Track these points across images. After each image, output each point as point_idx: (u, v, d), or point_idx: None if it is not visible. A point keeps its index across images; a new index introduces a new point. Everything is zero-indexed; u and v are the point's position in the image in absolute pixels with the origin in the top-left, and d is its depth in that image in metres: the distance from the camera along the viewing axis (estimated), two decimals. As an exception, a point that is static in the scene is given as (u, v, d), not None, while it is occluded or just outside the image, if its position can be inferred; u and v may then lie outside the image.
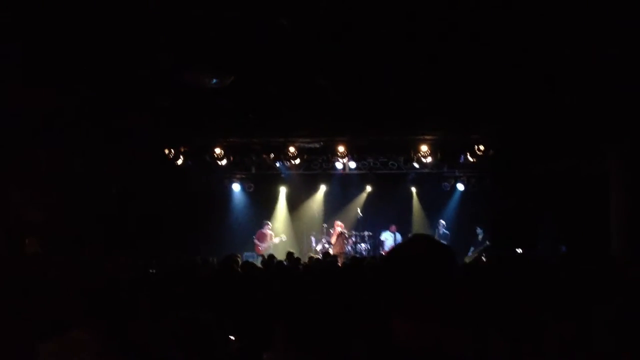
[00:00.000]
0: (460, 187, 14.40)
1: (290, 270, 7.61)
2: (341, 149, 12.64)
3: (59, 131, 9.68)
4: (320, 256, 11.32)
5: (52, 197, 10.32)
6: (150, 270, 6.57)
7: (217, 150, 12.74)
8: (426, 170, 13.95)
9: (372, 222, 14.86)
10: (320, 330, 3.83)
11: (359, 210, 14.79)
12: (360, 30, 6.51)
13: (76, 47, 6.88)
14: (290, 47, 6.95)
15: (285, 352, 3.32)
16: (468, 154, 12.52)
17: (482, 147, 12.12)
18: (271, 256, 9.93)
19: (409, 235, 1.80)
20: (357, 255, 12.51)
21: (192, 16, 6.17)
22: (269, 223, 14.72)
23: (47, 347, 2.80)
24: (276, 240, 14.35)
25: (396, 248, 1.69)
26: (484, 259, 13.10)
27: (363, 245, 14.40)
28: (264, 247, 14.18)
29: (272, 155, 13.09)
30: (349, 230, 14.44)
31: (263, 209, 15.35)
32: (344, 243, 14.08)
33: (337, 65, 7.67)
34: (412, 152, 12.83)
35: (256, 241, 14.40)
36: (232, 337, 2.78)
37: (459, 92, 8.71)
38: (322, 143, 12.92)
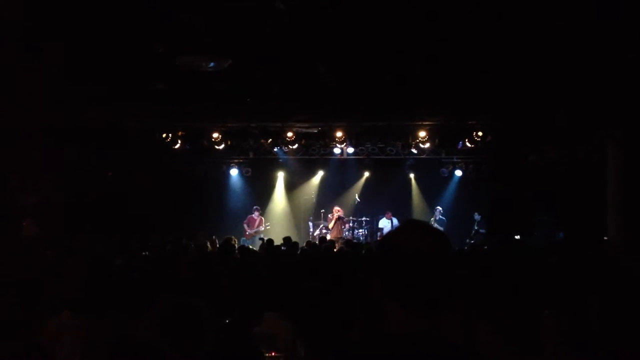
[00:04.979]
0: (458, 173, 14.40)
1: (288, 255, 7.64)
2: (339, 134, 12.61)
3: (55, 116, 9.65)
4: (317, 241, 11.35)
5: (48, 180, 10.31)
6: (144, 253, 6.58)
7: (215, 135, 12.70)
8: (424, 156, 13.94)
9: (370, 207, 14.88)
10: (317, 316, 3.86)
11: (356, 196, 14.80)
12: (359, 15, 6.45)
13: (72, 29, 6.81)
14: (288, 31, 6.90)
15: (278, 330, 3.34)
16: (466, 140, 12.50)
17: (480, 133, 12.09)
18: (270, 240, 9.97)
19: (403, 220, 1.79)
20: (354, 241, 12.54)
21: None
22: (259, 208, 14.69)
23: (41, 329, 2.81)
24: (261, 228, 14.32)
25: (390, 235, 1.67)
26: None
27: (361, 230, 14.44)
28: (251, 233, 14.18)
29: (270, 140, 13.05)
30: (347, 215, 14.46)
31: (260, 193, 15.37)
32: (341, 228, 14.09)
33: (335, 50, 7.62)
34: (410, 137, 12.80)
35: (245, 226, 14.42)
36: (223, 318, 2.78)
37: (457, 78, 8.66)
38: (320, 128, 12.88)
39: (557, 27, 6.61)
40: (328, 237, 12.99)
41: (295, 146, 13.12)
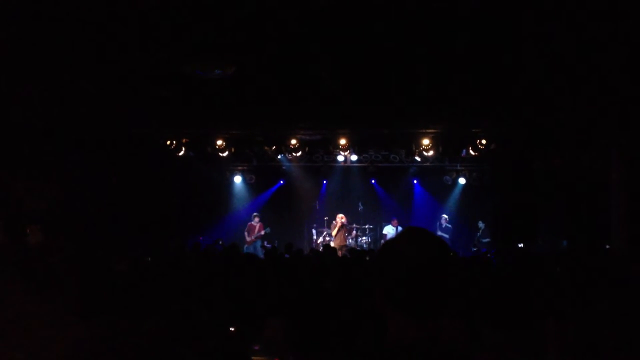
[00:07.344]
0: (461, 181, 14.39)
1: (290, 262, 7.63)
2: (343, 141, 12.61)
3: (59, 122, 9.70)
4: (320, 249, 11.33)
5: (53, 187, 10.34)
6: (148, 259, 6.58)
7: (219, 142, 12.74)
8: (428, 164, 13.94)
9: (373, 215, 14.87)
10: (321, 323, 3.86)
11: (360, 203, 14.80)
12: (363, 22, 6.48)
13: (77, 35, 6.87)
14: (292, 38, 6.93)
15: (282, 346, 3.34)
16: (470, 147, 12.50)
17: (483, 141, 12.09)
18: (273, 247, 9.97)
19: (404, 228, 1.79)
20: (358, 248, 12.52)
21: (194, 6, 6.16)
22: (258, 214, 14.69)
23: (47, 338, 2.82)
24: (262, 232, 14.32)
25: (390, 242, 1.67)
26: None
27: (364, 238, 14.42)
28: (251, 240, 14.19)
29: (273, 147, 13.08)
30: (350, 223, 14.45)
31: (264, 201, 15.39)
32: (345, 236, 14.08)
33: (339, 57, 7.65)
34: (413, 145, 12.79)
35: (245, 234, 14.44)
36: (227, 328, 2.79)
37: (461, 86, 8.68)
38: (323, 135, 12.89)
39: (560, 34, 6.62)
40: (331, 244, 12.98)
41: (299, 153, 13.14)
